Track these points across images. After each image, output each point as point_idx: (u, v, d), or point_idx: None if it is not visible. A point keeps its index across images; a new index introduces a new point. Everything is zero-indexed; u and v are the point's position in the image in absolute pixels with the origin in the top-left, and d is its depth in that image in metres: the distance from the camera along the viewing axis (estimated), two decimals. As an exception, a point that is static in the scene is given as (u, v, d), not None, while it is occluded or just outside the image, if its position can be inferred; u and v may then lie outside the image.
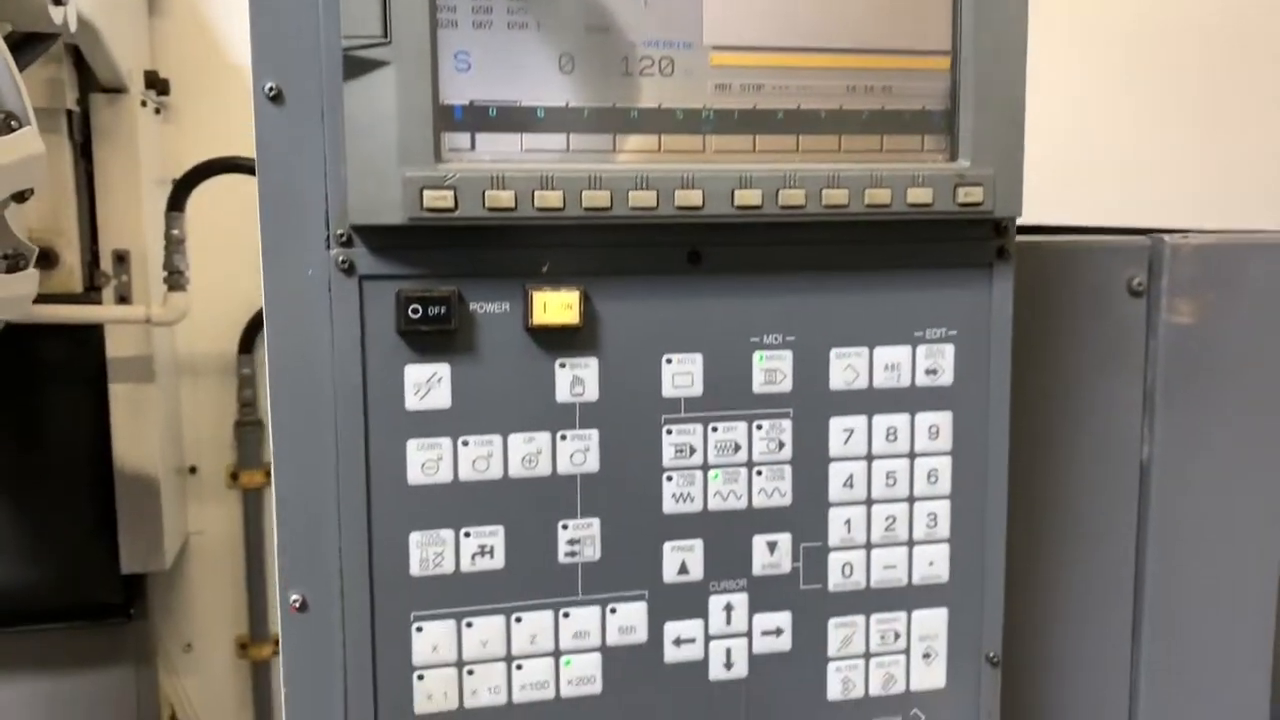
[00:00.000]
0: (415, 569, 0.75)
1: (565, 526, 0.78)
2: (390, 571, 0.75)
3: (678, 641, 0.81)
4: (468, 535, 0.76)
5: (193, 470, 2.31)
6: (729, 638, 0.81)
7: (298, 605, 0.74)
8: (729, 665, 0.82)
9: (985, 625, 0.86)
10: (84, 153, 1.91)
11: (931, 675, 0.86)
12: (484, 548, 0.77)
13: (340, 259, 0.72)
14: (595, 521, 0.78)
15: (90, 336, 2.02)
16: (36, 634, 2.09)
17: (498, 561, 0.77)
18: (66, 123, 1.84)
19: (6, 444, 2.03)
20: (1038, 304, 0.96)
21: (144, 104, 1.96)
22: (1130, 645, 1.04)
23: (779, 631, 0.82)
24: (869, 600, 0.84)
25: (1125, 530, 1.03)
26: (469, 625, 0.76)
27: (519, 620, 0.77)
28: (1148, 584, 1.03)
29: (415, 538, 0.75)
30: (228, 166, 1.93)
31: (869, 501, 0.83)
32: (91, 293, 1.97)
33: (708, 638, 0.81)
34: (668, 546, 0.80)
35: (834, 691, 0.84)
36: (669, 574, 0.80)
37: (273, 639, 2.42)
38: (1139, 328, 1.00)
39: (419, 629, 0.76)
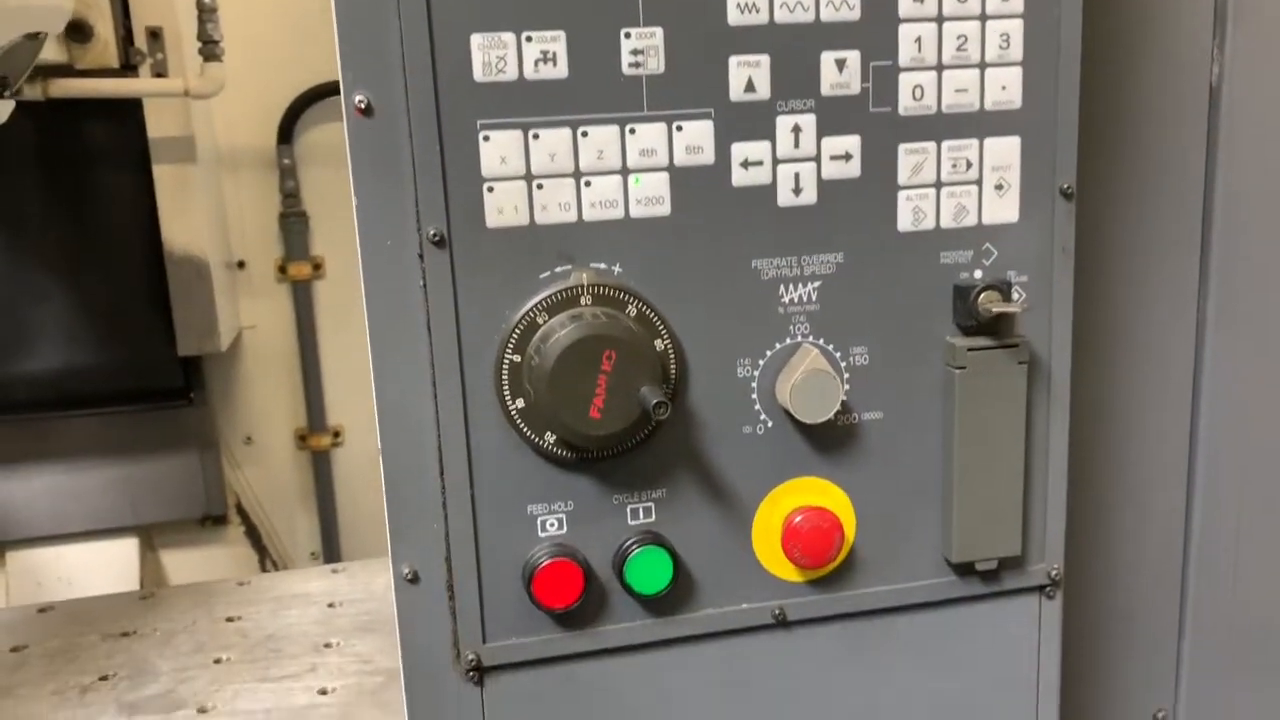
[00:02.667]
0: (479, 73, 0.74)
1: (628, 35, 0.76)
2: (453, 75, 0.74)
3: (745, 164, 0.79)
4: (529, 40, 0.75)
5: (241, 265, 2.34)
6: (797, 161, 0.80)
7: (362, 108, 0.74)
8: (798, 191, 0.81)
9: (1059, 156, 0.84)
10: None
11: (1004, 208, 0.84)
12: (546, 54, 0.75)
13: None
14: (658, 31, 0.76)
15: (130, 116, 2.02)
16: (101, 417, 2.15)
17: (560, 70, 0.76)
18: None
19: (59, 226, 2.06)
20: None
21: None
22: (1197, 283, 1.02)
23: (848, 156, 0.81)
24: (940, 126, 0.82)
25: (1195, 156, 1.00)
26: (535, 137, 0.76)
27: (585, 134, 0.77)
28: (1216, 211, 1.00)
29: (476, 40, 0.74)
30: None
31: (939, 18, 0.81)
32: (128, 71, 1.97)
33: (775, 161, 0.80)
34: (733, 61, 0.78)
35: (904, 222, 0.83)
36: (735, 91, 0.78)
37: (331, 430, 2.47)
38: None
39: (486, 138, 0.75)
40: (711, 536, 0.84)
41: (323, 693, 1.22)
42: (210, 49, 1.98)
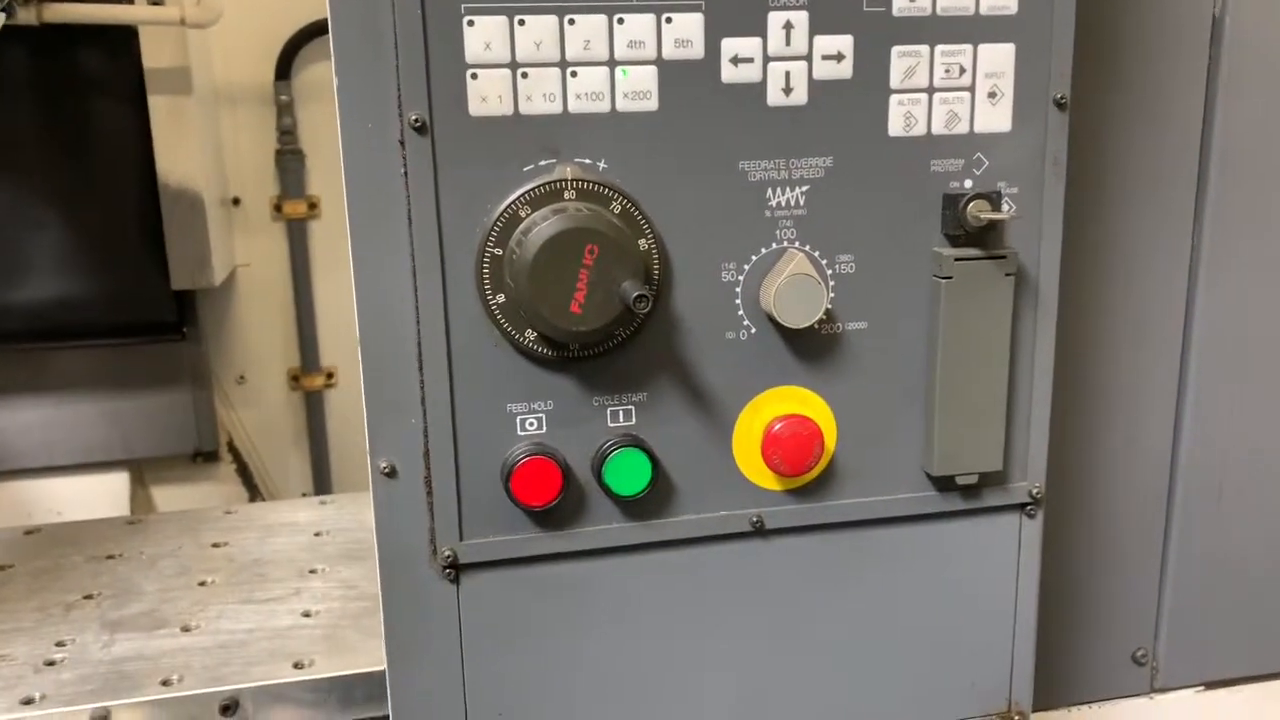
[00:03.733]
0: (464, -43, 0.73)
1: (618, -78, 0.75)
2: (439, -43, 0.73)
3: (735, 60, 0.78)
4: (518, -77, 0.73)
5: (236, 202, 2.32)
6: (788, 59, 0.79)
7: (346, -13, 0.72)
8: (788, 90, 0.79)
9: (1054, 65, 0.83)
10: None
11: (996, 116, 0.83)
12: (535, -62, 0.74)
13: None
14: (649, -81, 0.75)
15: (126, 45, 2.00)
16: (94, 349, 2.14)
17: (550, -44, 0.74)
18: None
19: (53, 155, 2.05)
20: None
21: None
22: (1193, 211, 1.01)
23: (840, 57, 0.80)
24: (934, 29, 0.80)
25: (1194, 88, 0.98)
26: (521, 23, 0.74)
27: (572, 22, 0.75)
28: (1214, 142, 0.99)
29: (464, -80, 0.73)
30: None
31: (936, -83, 0.79)
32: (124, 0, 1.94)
33: (766, 58, 0.78)
34: (725, -47, 0.77)
35: (895, 127, 0.81)
36: (726, -15, 0.77)
37: (324, 371, 2.47)
38: None
39: (470, 22, 0.74)
40: (691, 442, 0.83)
41: (306, 615, 1.22)
42: (208, -24, 1.95)
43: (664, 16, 0.76)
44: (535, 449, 0.79)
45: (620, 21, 0.76)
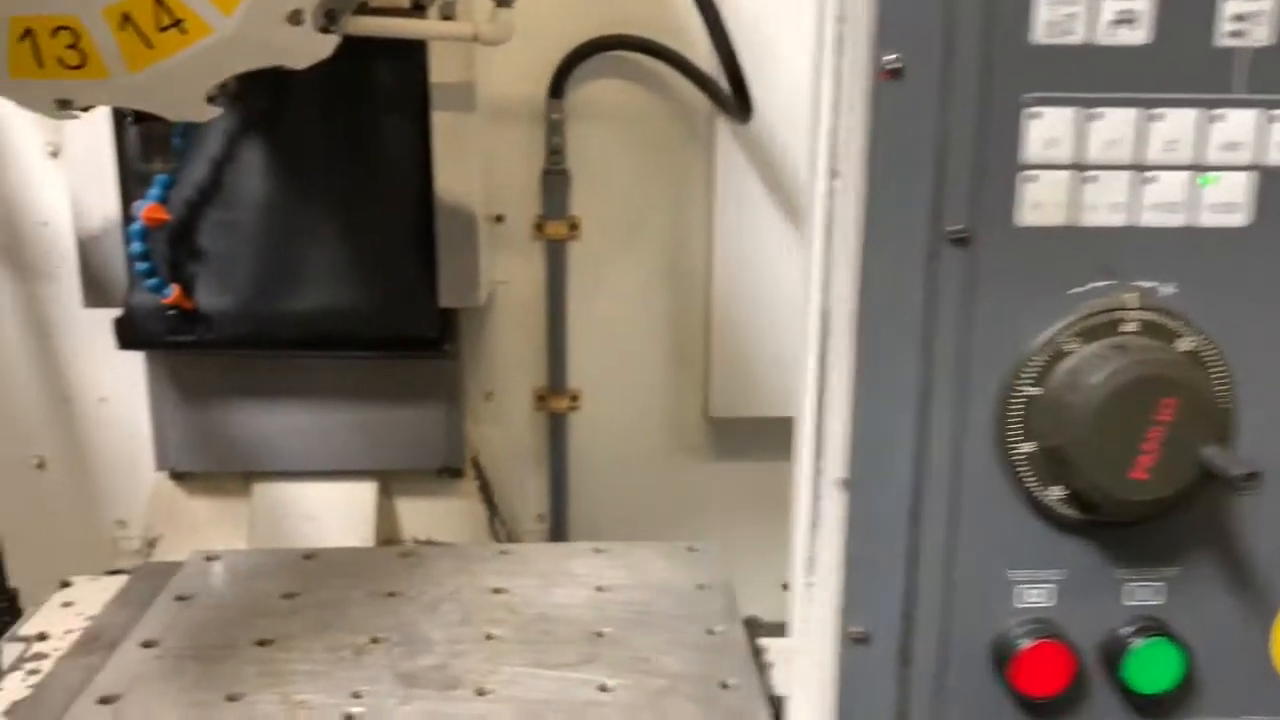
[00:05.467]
0: (1039, 34, 0.59)
1: (1232, -6, 0.59)
2: (1008, 36, 0.59)
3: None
4: (1109, -7, 0.59)
5: (499, 219, 2.28)
6: None
7: (893, 70, 0.59)
8: None
9: None
10: None
11: None
12: (1126, 13, 0.59)
13: None
14: (1274, -10, 0.59)
15: (415, 59, 1.97)
16: (356, 360, 2.14)
17: (1139, 34, 0.59)
18: None
19: (336, 165, 2.04)
20: None
21: None
22: None
23: None
24: None
25: None
26: (1095, 117, 0.60)
27: (1157, 118, 0.60)
28: None
29: (1044, -9, 0.59)
30: None
31: None
32: (416, 11, 1.91)
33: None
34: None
35: None
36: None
37: (570, 393, 2.41)
38: None
39: (1034, 115, 0.60)
40: (1228, 631, 0.67)
41: (602, 689, 1.13)
42: (504, -8, 1.88)
43: (1274, 113, 0.60)
44: (1041, 629, 0.65)
45: (1217, 118, 0.60)
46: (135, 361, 1.98)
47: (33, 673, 1.01)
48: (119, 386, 2.02)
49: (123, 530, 2.09)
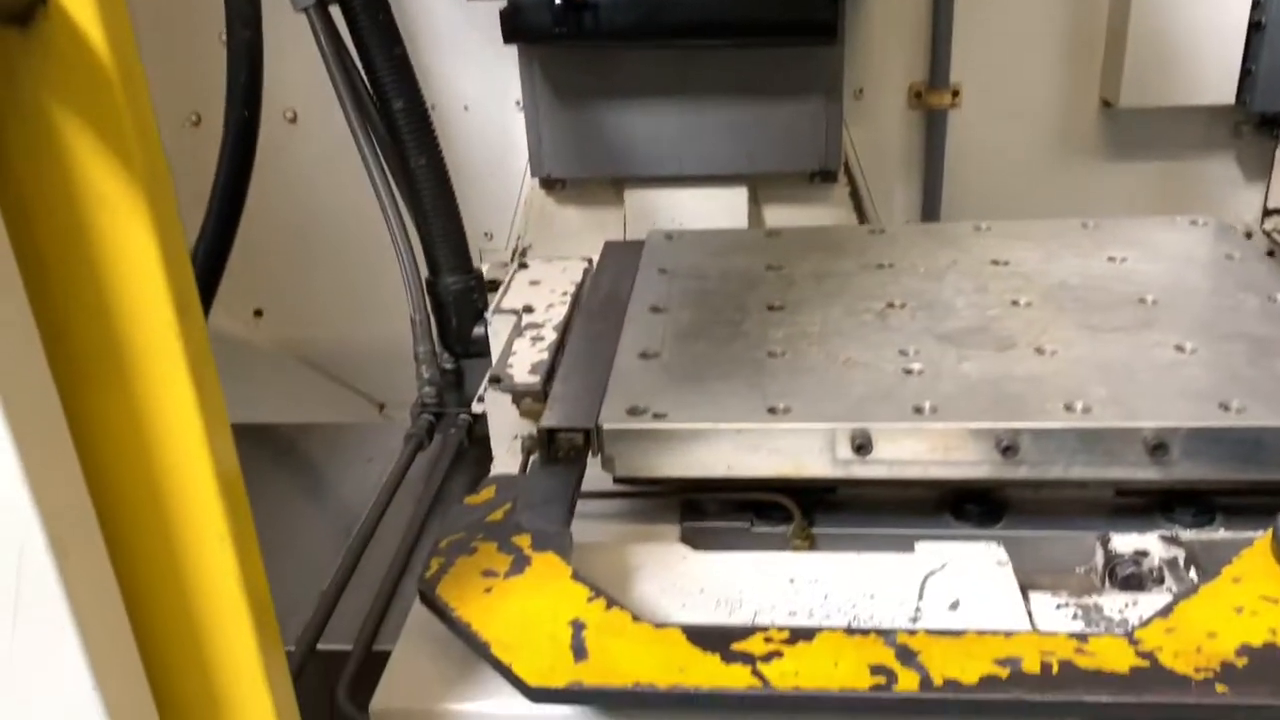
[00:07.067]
0: None
1: None
2: None
3: None
4: None
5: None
6: None
7: None
8: None
9: None
10: None
11: None
12: None
13: None
14: None
15: None
16: (734, 55, 2.05)
17: None
18: None
19: None
20: None
21: None
22: None
23: None
24: None
25: None
26: None
27: None
28: None
29: None
30: None
31: None
32: None
33: None
34: None
35: None
36: None
37: (951, 88, 2.23)
38: None
39: None
40: None
41: (1179, 349, 0.94)
42: None
43: None
44: None
45: None
46: (499, 69, 1.94)
47: (537, 340, 1.04)
48: (479, 95, 2.00)
49: (489, 242, 2.19)
